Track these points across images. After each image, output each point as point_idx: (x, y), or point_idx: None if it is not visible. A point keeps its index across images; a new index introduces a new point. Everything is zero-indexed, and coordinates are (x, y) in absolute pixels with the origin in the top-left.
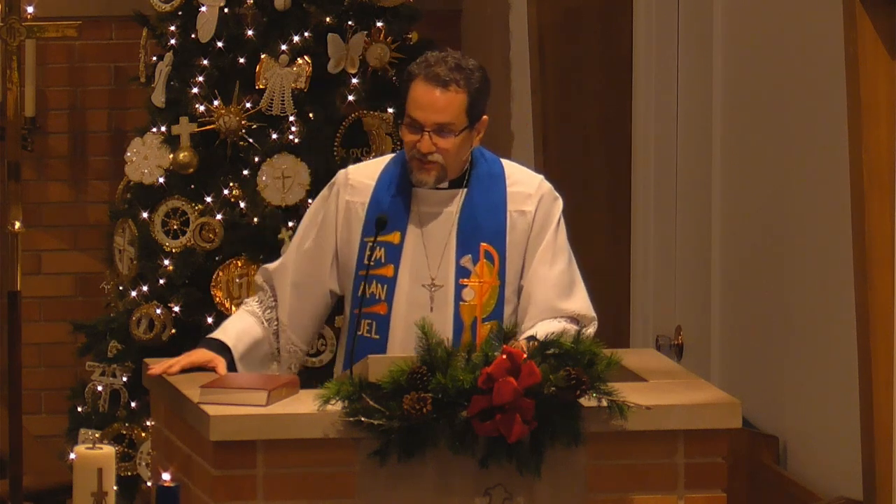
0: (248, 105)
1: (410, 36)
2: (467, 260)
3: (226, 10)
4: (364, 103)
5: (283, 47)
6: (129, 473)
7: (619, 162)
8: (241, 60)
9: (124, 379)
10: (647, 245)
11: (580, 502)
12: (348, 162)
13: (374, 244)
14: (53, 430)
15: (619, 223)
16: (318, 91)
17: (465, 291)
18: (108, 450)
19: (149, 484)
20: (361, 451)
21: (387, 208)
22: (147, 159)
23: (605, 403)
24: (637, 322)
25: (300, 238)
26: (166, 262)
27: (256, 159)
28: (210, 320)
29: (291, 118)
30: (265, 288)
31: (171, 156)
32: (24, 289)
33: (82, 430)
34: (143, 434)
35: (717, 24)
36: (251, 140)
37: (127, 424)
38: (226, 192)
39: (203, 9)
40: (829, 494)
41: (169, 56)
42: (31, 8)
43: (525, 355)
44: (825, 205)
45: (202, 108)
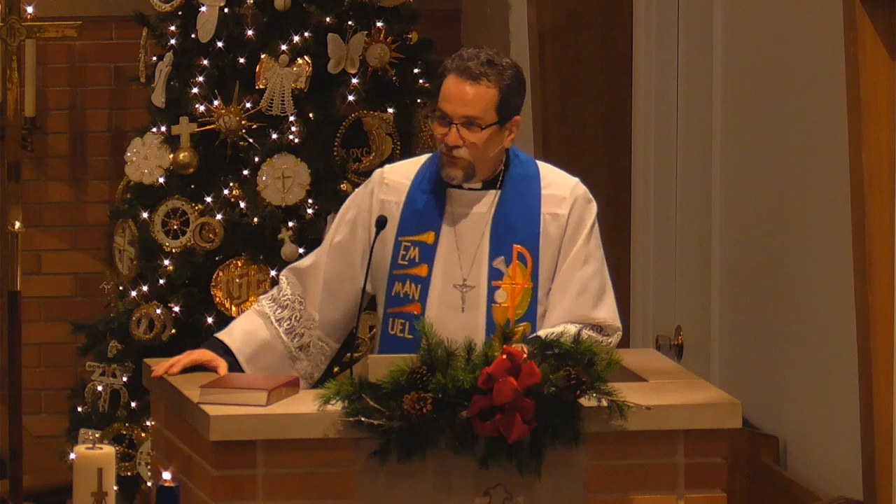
0: (248, 105)
1: (410, 36)
2: (500, 261)
3: (226, 10)
4: (364, 103)
5: (283, 47)
6: (129, 473)
7: (619, 162)
8: (241, 60)
9: (124, 379)
10: (647, 245)
11: (580, 502)
12: (348, 162)
13: (374, 243)
14: (53, 430)
15: (619, 223)
16: (318, 91)
17: (498, 293)
18: (108, 450)
19: (149, 484)
20: (361, 451)
21: (421, 208)
22: (147, 159)
23: (605, 403)
24: (637, 322)
25: (332, 235)
26: (166, 262)
27: (256, 159)
28: (210, 320)
29: (291, 118)
30: (285, 286)
31: (171, 156)
32: (24, 289)
33: (82, 430)
34: (143, 434)
35: (717, 24)
36: (251, 140)
37: (127, 424)
38: (226, 192)
39: (203, 9)
40: (829, 494)
41: (169, 56)
42: (31, 8)
43: (525, 355)
44: (825, 205)
45: (202, 108)
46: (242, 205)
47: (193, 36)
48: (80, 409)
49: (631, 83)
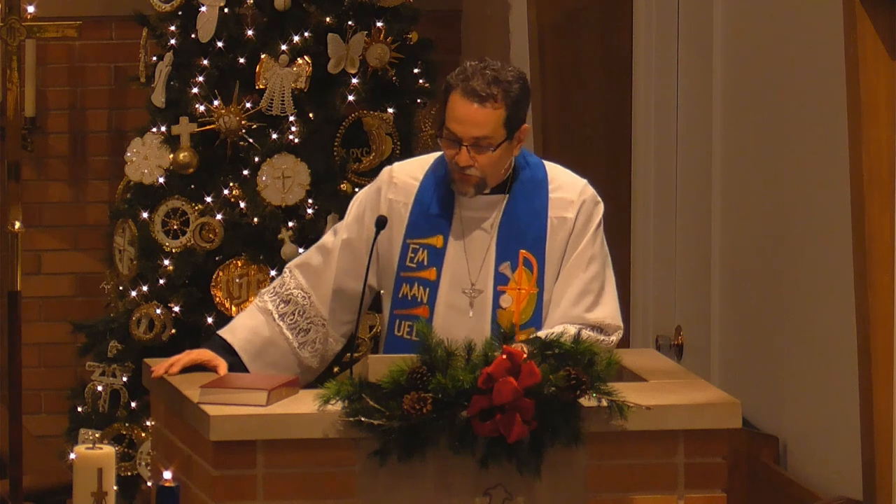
0: (248, 105)
1: (410, 36)
2: (506, 267)
3: (226, 10)
4: (364, 103)
5: (283, 47)
6: (129, 473)
7: (619, 162)
8: (241, 60)
9: (124, 379)
10: (647, 245)
11: (580, 502)
12: (348, 162)
13: (374, 243)
14: (53, 430)
15: (619, 223)
16: (318, 91)
17: (503, 298)
18: (108, 450)
19: (149, 484)
20: (361, 451)
21: (430, 210)
22: (147, 159)
23: (605, 403)
24: (637, 322)
25: (343, 232)
26: (166, 262)
27: (256, 159)
28: (210, 320)
29: (291, 118)
30: (288, 279)
31: (171, 156)
32: (24, 289)
33: (82, 430)
34: (143, 434)
35: (717, 24)
36: (251, 140)
37: (127, 424)
38: (226, 192)
39: (203, 9)
40: (829, 494)
41: (169, 56)
42: (31, 8)
43: (525, 355)
44: (825, 205)
45: (202, 108)
46: (242, 205)
47: (193, 36)
48: (80, 409)
49: (631, 83)
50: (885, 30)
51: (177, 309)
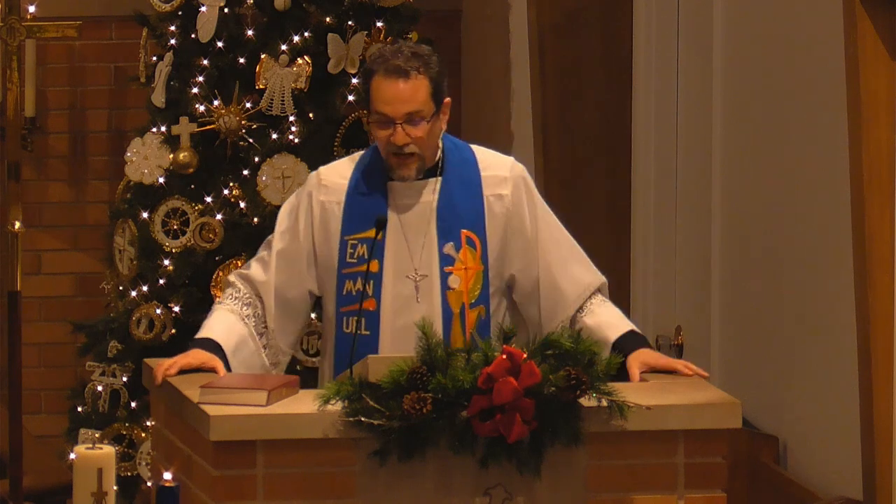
0: (248, 105)
1: (410, 36)
2: (450, 247)
3: (226, 10)
4: (364, 103)
5: (283, 47)
6: (129, 473)
7: (619, 162)
8: (241, 60)
9: (124, 379)
10: (647, 245)
11: (580, 502)
12: None
13: (375, 243)
14: (53, 430)
15: (619, 223)
16: (318, 91)
17: (451, 279)
18: (108, 450)
19: (149, 484)
20: (361, 451)
21: (364, 204)
22: (147, 159)
23: (605, 403)
24: (637, 322)
25: (276, 243)
26: (166, 262)
27: (256, 159)
28: None
29: (291, 118)
30: (240, 285)
31: (171, 156)
32: (24, 289)
33: (82, 430)
34: (143, 434)
35: (717, 24)
36: (251, 140)
37: (127, 424)
38: (226, 192)
39: (203, 9)
40: (829, 494)
41: (169, 56)
42: (31, 8)
43: (525, 355)
44: (825, 205)
45: (202, 108)
46: (242, 205)
47: (193, 36)
48: (80, 409)
49: (631, 83)
50: (885, 30)
51: (177, 309)
